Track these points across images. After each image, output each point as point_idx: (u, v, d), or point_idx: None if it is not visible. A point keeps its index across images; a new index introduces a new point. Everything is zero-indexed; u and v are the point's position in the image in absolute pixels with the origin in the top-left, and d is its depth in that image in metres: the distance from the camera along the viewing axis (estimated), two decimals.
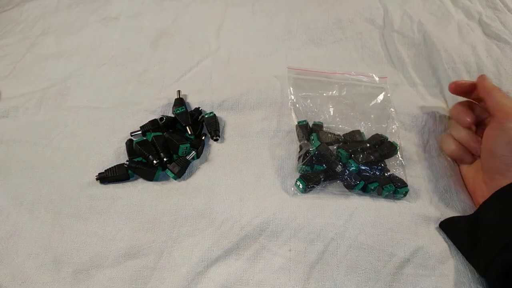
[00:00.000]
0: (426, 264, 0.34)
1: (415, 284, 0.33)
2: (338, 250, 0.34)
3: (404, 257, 0.34)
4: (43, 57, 0.55)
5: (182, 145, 0.40)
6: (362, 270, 0.33)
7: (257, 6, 0.61)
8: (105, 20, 0.60)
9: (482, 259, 0.32)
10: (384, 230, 0.35)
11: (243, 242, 0.35)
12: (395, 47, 0.54)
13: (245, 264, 0.34)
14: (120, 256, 0.35)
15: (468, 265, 0.34)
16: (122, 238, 0.36)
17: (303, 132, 0.42)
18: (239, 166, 0.41)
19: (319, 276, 0.33)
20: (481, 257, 0.32)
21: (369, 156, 0.39)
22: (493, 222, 0.33)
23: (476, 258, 0.33)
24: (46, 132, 0.45)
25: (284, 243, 0.35)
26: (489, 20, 0.56)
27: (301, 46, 0.55)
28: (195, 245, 0.35)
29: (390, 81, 0.49)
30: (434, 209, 0.38)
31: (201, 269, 0.34)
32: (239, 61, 0.53)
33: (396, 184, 0.38)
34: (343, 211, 0.36)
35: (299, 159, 0.40)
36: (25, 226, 0.37)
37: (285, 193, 0.39)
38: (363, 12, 0.59)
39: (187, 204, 0.38)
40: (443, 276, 0.33)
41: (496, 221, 0.32)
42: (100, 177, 0.40)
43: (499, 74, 0.48)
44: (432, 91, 0.50)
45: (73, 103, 0.48)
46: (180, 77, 0.51)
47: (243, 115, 0.46)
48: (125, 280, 0.34)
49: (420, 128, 0.45)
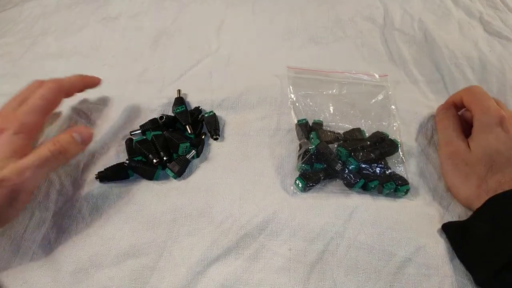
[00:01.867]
0: (428, 263, 0.33)
1: (417, 284, 0.32)
2: (338, 249, 0.34)
3: (405, 257, 0.34)
4: (43, 56, 0.55)
5: (182, 144, 0.40)
6: (362, 270, 0.33)
7: (257, 6, 0.61)
8: (105, 20, 0.60)
9: (479, 273, 0.32)
10: (384, 229, 0.35)
11: (243, 241, 0.35)
12: (396, 45, 0.54)
13: (245, 264, 0.34)
14: (120, 255, 0.35)
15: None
16: (122, 238, 0.36)
17: (302, 131, 0.41)
18: (239, 165, 0.41)
19: (319, 276, 0.33)
20: (478, 271, 0.32)
21: (369, 154, 0.38)
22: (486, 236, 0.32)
23: (472, 270, 0.33)
24: (47, 131, 0.45)
25: (284, 242, 0.35)
26: (490, 18, 0.56)
27: (301, 45, 0.55)
28: (195, 245, 0.35)
29: (391, 79, 0.49)
30: (435, 208, 0.38)
31: (201, 269, 0.34)
32: (239, 60, 0.53)
33: (397, 182, 0.38)
34: (343, 210, 0.36)
35: (299, 157, 0.40)
36: (26, 225, 0.37)
37: (285, 192, 0.38)
38: (363, 11, 0.59)
39: (187, 203, 0.38)
40: (446, 277, 0.33)
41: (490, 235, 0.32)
42: (100, 176, 0.39)
43: (503, 69, 0.48)
44: (435, 86, 0.49)
45: (73, 103, 0.48)
46: (180, 76, 0.51)
47: (243, 114, 0.45)
48: (124, 280, 0.34)
49: (421, 126, 0.44)
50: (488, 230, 0.32)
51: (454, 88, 0.47)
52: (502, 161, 0.35)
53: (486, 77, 0.47)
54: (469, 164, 0.37)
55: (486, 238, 0.32)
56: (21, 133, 0.34)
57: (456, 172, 0.38)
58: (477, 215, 0.34)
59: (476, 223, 0.34)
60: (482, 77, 0.48)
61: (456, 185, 0.38)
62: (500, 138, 0.36)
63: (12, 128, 0.34)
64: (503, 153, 0.36)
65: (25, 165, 0.32)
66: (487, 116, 0.37)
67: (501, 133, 0.36)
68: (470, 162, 0.37)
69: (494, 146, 0.36)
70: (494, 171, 0.35)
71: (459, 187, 0.38)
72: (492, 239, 0.32)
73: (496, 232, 0.32)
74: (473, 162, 0.37)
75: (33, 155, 0.33)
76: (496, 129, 0.37)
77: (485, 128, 0.37)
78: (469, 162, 0.37)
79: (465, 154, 0.38)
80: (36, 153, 0.33)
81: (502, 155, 0.36)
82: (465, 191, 0.37)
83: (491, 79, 0.47)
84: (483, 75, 0.48)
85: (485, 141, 0.37)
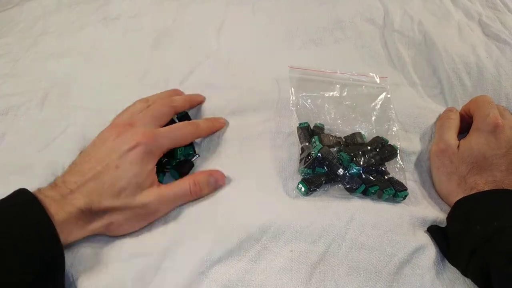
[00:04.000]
0: (423, 264, 0.34)
1: (413, 283, 0.33)
2: (339, 251, 0.35)
3: (403, 258, 0.34)
4: (43, 56, 0.55)
5: (179, 149, 0.40)
6: (363, 271, 0.34)
7: (257, 6, 0.61)
8: (105, 20, 0.60)
9: (460, 266, 0.35)
10: (384, 231, 0.36)
11: (245, 243, 0.35)
12: (395, 47, 0.54)
13: (247, 265, 0.34)
14: (124, 254, 0.35)
15: None
16: (126, 237, 0.36)
17: (304, 135, 0.42)
18: (240, 167, 0.41)
19: (320, 276, 0.34)
20: (459, 265, 0.35)
21: (370, 160, 0.39)
22: (455, 231, 0.35)
23: (456, 265, 0.35)
24: (47, 133, 0.45)
25: (286, 244, 0.35)
26: (489, 20, 0.56)
27: (301, 46, 0.55)
28: (198, 246, 0.35)
29: (391, 81, 0.50)
30: (432, 212, 0.39)
31: (203, 270, 0.34)
32: (239, 61, 0.53)
33: (396, 187, 0.38)
34: (344, 213, 0.37)
35: (301, 161, 0.40)
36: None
37: (287, 195, 0.39)
38: (364, 12, 0.59)
39: (190, 206, 0.38)
40: (439, 274, 0.34)
41: (457, 228, 0.35)
42: None
43: (499, 76, 0.48)
44: (431, 91, 0.50)
45: (74, 104, 0.48)
46: (180, 77, 0.51)
47: (244, 117, 0.46)
48: (128, 279, 0.34)
49: (420, 130, 0.45)
50: (459, 227, 0.35)
51: (451, 94, 0.48)
52: (484, 165, 0.37)
53: (482, 84, 0.48)
54: (453, 162, 0.39)
55: (458, 234, 0.35)
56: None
57: (441, 168, 0.40)
58: (451, 214, 0.37)
59: (450, 222, 0.37)
60: (478, 83, 0.48)
61: (439, 181, 0.40)
62: (489, 143, 0.38)
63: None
64: (488, 157, 0.37)
65: (166, 195, 0.36)
66: (483, 122, 0.39)
67: (491, 138, 0.38)
68: (455, 161, 0.39)
69: (481, 149, 0.38)
70: (474, 172, 0.38)
71: (441, 183, 0.40)
72: (463, 234, 0.34)
73: (464, 229, 0.34)
74: (458, 160, 0.39)
75: (176, 187, 0.37)
76: (488, 134, 0.38)
77: (479, 132, 0.39)
78: (454, 160, 0.39)
79: (452, 152, 0.39)
80: (178, 185, 0.37)
81: (486, 159, 0.37)
82: (446, 187, 0.39)
83: (487, 87, 0.48)
84: (480, 82, 0.48)
85: (474, 143, 0.38)
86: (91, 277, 0.34)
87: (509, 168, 0.37)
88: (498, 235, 0.32)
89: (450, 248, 0.35)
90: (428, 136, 0.45)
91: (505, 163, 0.37)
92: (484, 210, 0.35)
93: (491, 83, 0.48)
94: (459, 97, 0.48)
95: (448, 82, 0.49)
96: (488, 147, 0.38)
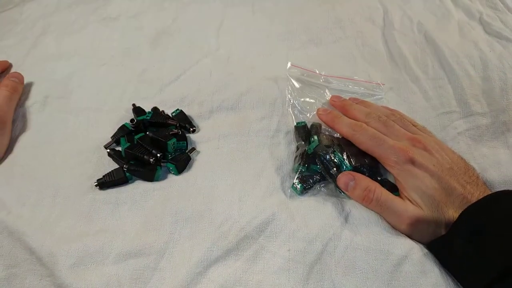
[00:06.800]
0: (424, 261, 0.34)
1: (414, 281, 0.33)
2: (335, 250, 0.34)
3: (401, 255, 0.34)
4: (43, 56, 0.55)
5: (170, 142, 0.40)
6: (360, 270, 0.33)
7: (257, 6, 0.61)
8: (105, 20, 0.60)
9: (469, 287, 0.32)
10: (379, 230, 0.35)
11: (242, 243, 0.35)
12: (396, 45, 0.54)
13: (244, 265, 0.34)
14: (122, 254, 0.35)
15: None
16: (125, 238, 0.36)
17: (300, 134, 0.42)
18: (238, 166, 0.41)
19: (318, 276, 0.33)
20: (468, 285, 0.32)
21: (363, 159, 0.39)
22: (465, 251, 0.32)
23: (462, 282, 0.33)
24: (48, 134, 0.45)
25: (283, 243, 0.35)
26: (489, 19, 0.56)
27: (301, 45, 0.55)
28: (195, 246, 0.35)
29: (391, 79, 0.50)
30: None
31: (201, 270, 0.34)
32: (239, 60, 0.53)
33: (389, 188, 0.37)
34: (340, 212, 0.37)
35: (295, 159, 0.40)
36: (26, 224, 0.37)
37: (284, 194, 0.39)
38: (363, 12, 0.59)
39: (187, 205, 0.38)
40: (442, 273, 0.33)
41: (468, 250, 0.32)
42: (99, 183, 0.39)
43: (503, 68, 0.47)
44: (436, 83, 0.49)
45: (74, 105, 0.48)
46: (179, 76, 0.51)
47: (242, 115, 0.46)
48: (126, 279, 0.34)
49: None
50: (466, 245, 0.32)
51: (458, 83, 0.47)
52: (443, 198, 0.35)
53: (488, 74, 0.47)
54: (426, 222, 0.35)
55: (467, 253, 0.32)
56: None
57: (425, 237, 0.35)
58: (454, 229, 0.33)
59: (454, 238, 0.33)
60: (484, 74, 0.47)
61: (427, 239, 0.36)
62: (423, 179, 0.35)
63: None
64: (438, 189, 0.35)
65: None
66: (395, 163, 0.36)
67: (418, 173, 0.35)
68: (427, 220, 0.35)
69: (427, 190, 0.35)
70: (444, 208, 0.35)
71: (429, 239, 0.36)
72: (473, 253, 0.31)
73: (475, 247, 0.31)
74: (429, 215, 0.35)
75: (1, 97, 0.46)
76: (409, 171, 0.36)
77: (405, 173, 0.36)
78: (425, 221, 0.35)
79: (417, 217, 0.35)
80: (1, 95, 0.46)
81: (441, 192, 0.35)
82: (435, 235, 0.35)
83: (493, 76, 0.47)
84: (486, 72, 0.48)
85: (420, 189, 0.35)
86: (89, 277, 0.34)
87: (460, 182, 0.35)
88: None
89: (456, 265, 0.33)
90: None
91: (455, 181, 0.35)
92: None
93: (497, 74, 0.47)
94: (466, 87, 0.47)
95: (453, 74, 0.48)
96: (426, 183, 0.35)
